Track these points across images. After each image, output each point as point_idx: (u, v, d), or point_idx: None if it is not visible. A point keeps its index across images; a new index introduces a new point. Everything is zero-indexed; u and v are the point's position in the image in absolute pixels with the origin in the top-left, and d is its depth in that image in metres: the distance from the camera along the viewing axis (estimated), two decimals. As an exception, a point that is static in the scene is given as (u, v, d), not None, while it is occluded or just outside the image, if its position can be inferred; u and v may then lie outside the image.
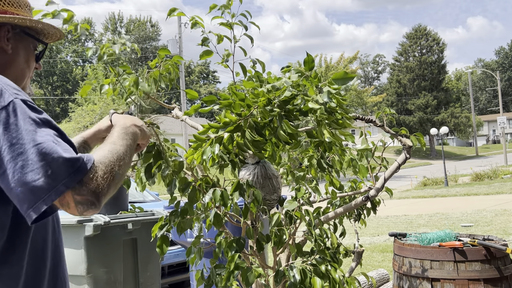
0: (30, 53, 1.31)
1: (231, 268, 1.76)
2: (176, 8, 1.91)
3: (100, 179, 0.98)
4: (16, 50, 1.26)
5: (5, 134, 0.95)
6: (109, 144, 1.11)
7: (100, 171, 0.99)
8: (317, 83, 1.66)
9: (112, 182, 1.01)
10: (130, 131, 1.23)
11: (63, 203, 0.96)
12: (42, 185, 0.92)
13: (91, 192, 0.96)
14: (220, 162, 1.89)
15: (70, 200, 0.95)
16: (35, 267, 1.15)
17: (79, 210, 0.97)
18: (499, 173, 20.43)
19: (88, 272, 2.77)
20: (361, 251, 2.84)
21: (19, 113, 0.98)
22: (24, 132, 0.96)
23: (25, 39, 1.29)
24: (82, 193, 0.95)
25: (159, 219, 1.88)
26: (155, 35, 59.18)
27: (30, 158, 0.93)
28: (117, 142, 1.13)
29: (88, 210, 0.97)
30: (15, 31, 1.26)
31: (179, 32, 25.36)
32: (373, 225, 9.59)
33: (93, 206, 0.97)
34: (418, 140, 2.27)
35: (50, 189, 0.93)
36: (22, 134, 0.95)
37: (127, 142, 1.16)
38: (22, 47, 1.28)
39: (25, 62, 1.29)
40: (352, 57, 33.76)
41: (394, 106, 47.94)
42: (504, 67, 76.79)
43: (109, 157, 1.04)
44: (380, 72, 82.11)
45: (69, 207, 0.96)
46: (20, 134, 0.95)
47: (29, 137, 0.95)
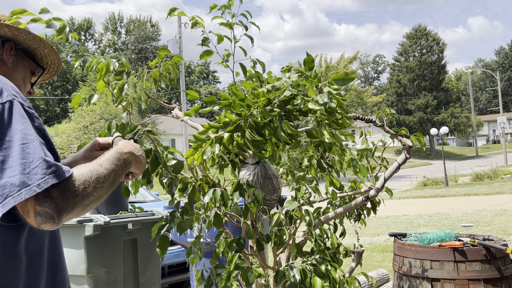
0: (27, 74, 1.35)
1: (231, 268, 1.76)
2: (176, 8, 1.91)
3: (69, 194, 0.96)
4: (15, 65, 1.31)
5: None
6: (94, 164, 1.08)
7: (72, 187, 0.96)
8: (317, 83, 1.66)
9: (81, 201, 0.98)
10: (124, 157, 1.19)
11: (24, 210, 0.93)
12: (15, 181, 0.92)
13: (54, 206, 0.94)
14: (220, 162, 1.89)
15: (31, 209, 0.93)
16: (31, 265, 1.15)
17: (37, 221, 0.94)
18: (499, 173, 20.43)
19: (88, 272, 2.77)
20: (361, 251, 2.84)
21: (14, 112, 0.99)
22: (14, 130, 0.97)
23: (25, 60, 1.34)
24: (45, 205, 0.93)
25: (159, 219, 1.88)
26: (155, 35, 59.16)
27: (13, 155, 0.94)
28: (103, 165, 1.09)
29: (46, 223, 0.94)
30: (17, 47, 1.31)
31: (179, 32, 25.36)
32: (373, 225, 9.59)
33: (51, 220, 0.94)
34: (418, 140, 2.27)
35: (22, 187, 0.92)
36: (12, 132, 0.96)
37: (115, 167, 1.12)
38: (21, 65, 1.33)
39: (21, 80, 1.33)
40: (352, 57, 33.75)
41: (394, 106, 47.95)
42: (504, 67, 76.78)
43: (87, 176, 1.01)
44: (380, 72, 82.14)
45: (28, 216, 0.94)
46: (9, 131, 0.96)
47: (17, 136, 0.96)
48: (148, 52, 55.29)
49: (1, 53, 1.27)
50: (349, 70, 31.45)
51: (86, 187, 0.99)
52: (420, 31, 50.39)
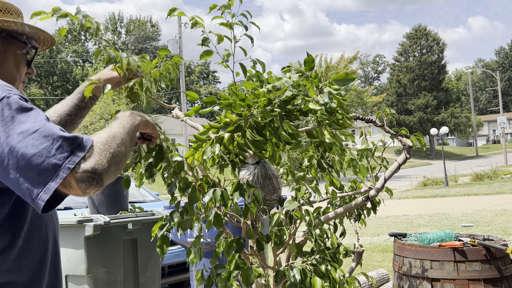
0: (20, 58, 1.32)
1: (231, 268, 1.76)
2: (176, 8, 1.90)
3: (99, 156, 0.99)
4: (4, 54, 1.28)
5: (2, 127, 0.96)
6: (107, 128, 1.12)
7: (98, 149, 1.00)
8: (317, 83, 1.66)
9: (112, 160, 1.01)
10: (129, 116, 1.23)
11: (65, 184, 0.96)
12: (47, 166, 0.94)
13: (91, 169, 0.96)
14: (220, 162, 1.89)
15: (71, 180, 0.95)
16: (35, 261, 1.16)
17: (81, 188, 0.96)
18: (499, 173, 20.43)
19: (88, 272, 2.77)
20: (361, 251, 2.84)
21: (13, 106, 0.99)
22: (20, 123, 0.97)
23: (14, 44, 1.30)
24: (82, 171, 0.95)
25: (159, 219, 1.88)
26: (155, 35, 59.14)
27: (31, 144, 0.94)
28: (114, 126, 1.14)
29: (91, 187, 0.97)
30: (1, 35, 1.27)
31: (179, 32, 25.36)
32: (373, 225, 9.59)
33: (94, 182, 0.97)
34: (418, 140, 2.27)
35: (57, 168, 0.94)
36: (20, 125, 0.97)
37: (126, 125, 1.17)
38: (11, 51, 1.29)
39: (14, 66, 1.30)
40: (352, 57, 33.75)
41: (394, 106, 47.95)
42: (504, 67, 76.77)
43: (107, 137, 1.05)
44: (380, 72, 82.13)
45: (71, 187, 0.96)
46: (17, 125, 0.97)
47: (26, 126, 0.97)
48: (148, 52, 55.26)
49: None
50: (349, 70, 31.45)
51: (111, 146, 1.03)
52: (420, 31, 50.39)
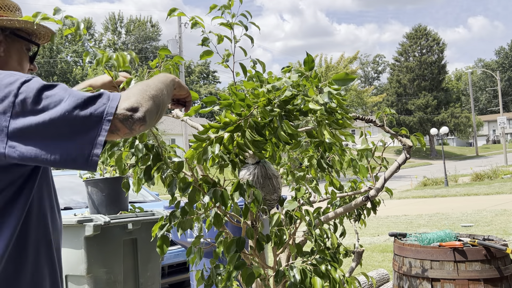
0: (23, 55, 1.32)
1: (231, 268, 1.76)
2: (176, 8, 1.90)
3: (136, 97, 1.04)
4: (8, 52, 1.28)
5: (34, 106, 0.99)
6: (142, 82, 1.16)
7: (133, 93, 1.05)
8: (317, 83, 1.66)
9: (150, 100, 1.06)
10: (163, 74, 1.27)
11: (113, 129, 1.01)
12: (90, 124, 0.99)
13: (131, 107, 1.01)
14: (220, 162, 1.89)
15: (117, 122, 1.00)
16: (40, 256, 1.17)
17: (127, 126, 1.01)
18: (499, 173, 20.43)
19: (88, 272, 2.77)
20: (361, 251, 2.84)
21: (39, 85, 1.02)
22: (50, 97, 1.00)
23: (16, 41, 1.30)
24: (124, 110, 1.00)
25: (159, 219, 1.88)
26: (155, 35, 59.13)
27: (66, 111, 0.98)
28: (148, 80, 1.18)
29: (135, 123, 1.02)
30: (5, 33, 1.27)
31: (179, 32, 25.36)
32: (373, 225, 9.59)
33: (137, 118, 1.01)
34: (418, 140, 2.27)
35: (98, 123, 0.99)
36: (50, 98, 1.00)
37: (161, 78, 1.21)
38: (14, 49, 1.29)
39: (18, 64, 1.30)
40: (352, 57, 33.75)
41: (394, 106, 47.94)
42: (504, 67, 76.77)
43: (141, 84, 1.11)
44: (380, 72, 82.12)
45: (118, 129, 1.01)
46: (47, 99, 1.00)
47: (56, 98, 1.00)
48: (148, 52, 55.26)
49: None
50: (349, 70, 31.44)
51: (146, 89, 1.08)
52: (420, 31, 50.39)
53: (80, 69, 50.45)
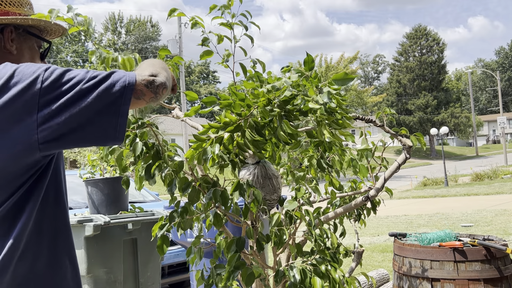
0: (34, 52, 1.33)
1: (231, 268, 1.76)
2: (176, 9, 1.91)
3: (150, 68, 1.14)
4: (20, 50, 1.28)
5: (59, 91, 1.04)
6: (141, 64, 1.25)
7: (146, 67, 1.15)
8: (317, 83, 1.66)
9: (162, 72, 1.15)
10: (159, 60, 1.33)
11: (138, 95, 1.09)
12: (115, 94, 1.05)
13: (150, 73, 1.11)
14: (220, 162, 1.90)
15: (141, 87, 1.08)
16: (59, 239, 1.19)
17: (152, 90, 1.10)
18: (499, 173, 20.42)
19: (88, 272, 2.77)
20: (361, 251, 2.84)
21: (58, 71, 1.07)
22: (72, 81, 1.05)
23: (28, 39, 1.30)
24: (144, 76, 1.09)
25: (159, 219, 1.88)
26: (155, 35, 59.11)
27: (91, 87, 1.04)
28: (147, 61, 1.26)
29: (159, 87, 1.11)
30: (18, 31, 1.28)
31: (179, 32, 25.35)
32: (373, 225, 9.59)
33: (159, 82, 1.11)
34: (418, 140, 2.27)
35: (122, 92, 1.06)
36: (72, 82, 1.05)
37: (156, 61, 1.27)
38: (26, 47, 1.30)
39: (30, 61, 1.30)
40: (352, 57, 33.74)
41: (394, 106, 47.94)
42: (504, 67, 76.77)
43: (147, 62, 1.21)
44: (380, 72, 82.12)
45: (144, 93, 1.09)
46: (69, 83, 1.05)
47: (78, 79, 1.05)
48: (148, 52, 55.24)
49: (3, 44, 1.25)
50: (349, 70, 31.44)
51: (154, 64, 1.18)
52: (420, 31, 50.39)
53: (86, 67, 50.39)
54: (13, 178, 1.07)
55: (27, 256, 1.10)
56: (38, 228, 1.12)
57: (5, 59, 1.23)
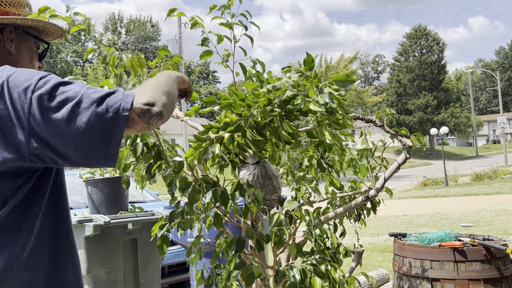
0: (33, 52, 1.33)
1: (231, 268, 1.76)
2: (176, 9, 1.91)
3: (150, 92, 1.05)
4: (19, 50, 1.28)
5: (51, 103, 1.00)
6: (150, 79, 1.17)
7: (147, 89, 1.06)
8: (317, 83, 1.66)
9: (164, 95, 1.07)
10: (168, 71, 1.27)
11: (130, 124, 1.02)
12: (107, 120, 0.99)
13: (148, 101, 1.03)
14: (220, 162, 1.90)
15: (134, 116, 1.02)
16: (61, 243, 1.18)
17: (145, 120, 1.03)
18: (499, 173, 20.42)
19: (88, 272, 2.77)
20: (361, 251, 2.84)
21: (52, 82, 1.03)
22: (65, 94, 1.01)
23: (27, 39, 1.31)
24: (140, 104, 1.02)
25: (159, 219, 1.88)
26: (155, 35, 59.12)
27: (83, 108, 0.99)
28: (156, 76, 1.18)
29: (153, 117, 1.03)
30: (17, 31, 1.28)
31: (179, 32, 25.35)
32: (373, 225, 9.59)
33: (155, 112, 1.03)
34: (418, 140, 2.27)
35: (115, 120, 1.00)
36: (65, 95, 1.01)
37: (167, 74, 1.21)
38: (25, 47, 1.30)
39: (29, 62, 1.31)
40: (352, 57, 33.74)
41: (394, 106, 47.94)
42: (504, 67, 76.76)
43: (152, 81, 1.12)
44: (380, 72, 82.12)
45: (135, 122, 1.02)
46: (62, 96, 1.01)
47: (72, 94, 1.01)
48: (148, 52, 55.24)
49: (3, 44, 1.25)
50: (349, 70, 31.44)
51: (158, 85, 1.10)
52: (420, 31, 50.38)
53: (80, 69, 50.42)
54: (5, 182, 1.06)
55: (29, 265, 1.09)
56: (40, 237, 1.12)
57: (4, 59, 1.24)
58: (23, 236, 1.07)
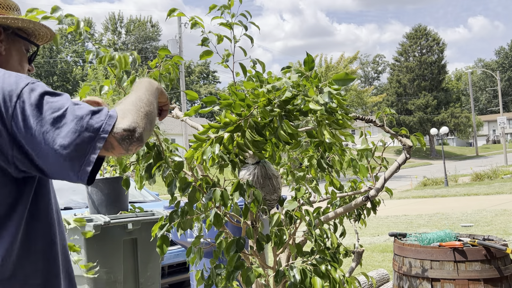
0: (22, 55, 1.32)
1: (231, 268, 1.76)
2: (176, 9, 1.91)
3: (132, 116, 1.04)
4: (9, 51, 1.28)
5: (34, 111, 0.99)
6: (131, 93, 1.16)
7: (130, 111, 1.05)
8: (317, 83, 1.66)
9: (145, 117, 1.06)
10: (148, 81, 1.26)
11: (108, 147, 1.00)
12: (84, 140, 0.98)
13: (129, 127, 1.01)
14: (220, 162, 1.90)
15: (113, 141, 1.00)
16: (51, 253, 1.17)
17: (124, 146, 1.01)
18: (499, 173, 20.42)
19: (88, 272, 2.77)
20: (361, 251, 2.84)
21: (41, 90, 1.03)
22: (50, 104, 1.00)
23: (17, 41, 1.30)
24: (121, 129, 1.00)
25: (159, 219, 1.88)
26: (155, 35, 59.13)
27: (64, 123, 0.98)
28: (138, 90, 1.17)
29: (132, 143, 1.02)
30: (7, 32, 1.27)
31: (179, 32, 25.35)
32: (373, 225, 9.59)
33: (135, 138, 1.02)
34: (418, 140, 2.27)
35: (92, 140, 0.98)
36: (50, 106, 1.00)
37: (148, 87, 1.21)
38: (14, 49, 1.29)
39: (18, 63, 1.30)
40: (352, 57, 33.74)
41: (394, 106, 47.93)
42: (504, 67, 76.76)
43: (134, 99, 1.10)
44: (380, 72, 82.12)
45: (113, 147, 1.01)
46: (47, 106, 1.00)
47: (56, 105, 1.00)
48: (148, 52, 55.26)
49: None
50: (349, 70, 31.43)
51: (140, 105, 1.08)
52: (420, 31, 50.39)
53: (80, 69, 50.44)
54: None
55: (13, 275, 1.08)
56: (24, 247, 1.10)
57: None
58: (3, 247, 1.06)
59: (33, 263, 1.12)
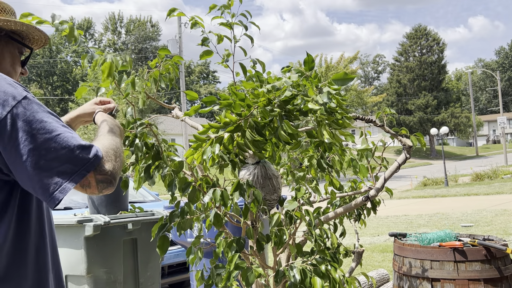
0: (15, 58, 1.32)
1: (231, 268, 1.76)
2: (176, 8, 1.90)
3: (112, 161, 1.10)
4: (2, 54, 1.28)
5: (25, 125, 1.01)
6: (109, 135, 1.23)
7: (111, 156, 1.10)
8: (317, 83, 1.66)
9: (121, 163, 1.13)
10: (118, 125, 1.38)
11: (84, 184, 1.04)
12: (66, 170, 1.02)
13: (110, 172, 1.07)
14: (220, 162, 1.89)
15: (92, 180, 1.05)
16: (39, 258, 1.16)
17: (99, 188, 1.06)
18: (499, 173, 20.42)
19: (88, 272, 2.77)
20: (361, 251, 2.84)
21: (35, 106, 1.05)
22: (44, 124, 1.03)
23: (10, 44, 1.30)
24: (102, 173, 1.05)
25: (159, 219, 1.88)
26: (155, 35, 59.10)
27: (53, 147, 1.01)
28: (112, 132, 1.26)
29: (108, 187, 1.08)
30: (0, 34, 1.27)
31: (179, 32, 25.35)
32: (373, 225, 9.59)
33: (111, 183, 1.08)
34: (418, 140, 2.27)
35: (74, 173, 1.02)
36: (43, 126, 1.02)
37: (117, 130, 1.31)
38: (7, 51, 1.29)
39: (11, 66, 1.30)
40: (352, 57, 33.74)
41: (394, 106, 47.94)
42: (504, 67, 76.75)
43: (114, 144, 1.17)
44: (380, 72, 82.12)
45: (89, 186, 1.05)
46: (40, 125, 1.02)
47: (49, 128, 1.03)
48: (148, 52, 55.25)
49: None
50: (349, 70, 31.42)
51: (117, 151, 1.15)
52: (420, 31, 50.40)
53: (80, 69, 50.42)
54: None
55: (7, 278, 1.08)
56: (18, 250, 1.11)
57: None
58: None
59: (23, 264, 1.12)
